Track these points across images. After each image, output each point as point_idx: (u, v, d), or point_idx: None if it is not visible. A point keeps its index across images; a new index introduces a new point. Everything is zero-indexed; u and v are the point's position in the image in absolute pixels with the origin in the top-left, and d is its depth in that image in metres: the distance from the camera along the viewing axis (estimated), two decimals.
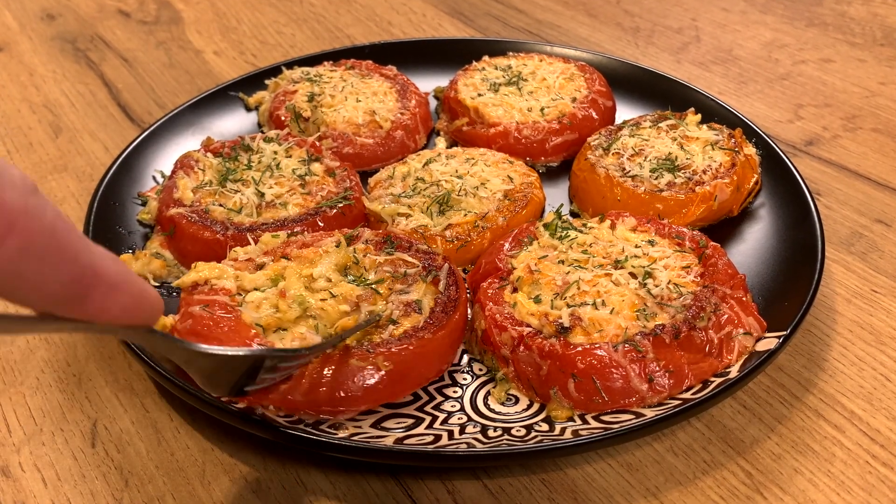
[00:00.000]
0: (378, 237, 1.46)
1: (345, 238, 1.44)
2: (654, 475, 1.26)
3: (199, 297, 1.34)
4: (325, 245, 1.43)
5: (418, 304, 1.33)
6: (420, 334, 1.28)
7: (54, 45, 2.44)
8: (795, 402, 1.36)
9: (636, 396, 1.26)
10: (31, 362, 1.45)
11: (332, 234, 1.47)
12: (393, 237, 1.45)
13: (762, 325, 1.36)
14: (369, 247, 1.44)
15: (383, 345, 1.26)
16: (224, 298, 1.33)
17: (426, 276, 1.38)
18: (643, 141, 1.72)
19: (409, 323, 1.30)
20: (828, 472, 1.26)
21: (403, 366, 1.26)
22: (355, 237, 1.45)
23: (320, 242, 1.44)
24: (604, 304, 1.32)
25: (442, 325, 1.30)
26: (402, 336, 1.28)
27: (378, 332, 1.29)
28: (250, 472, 1.27)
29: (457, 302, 1.35)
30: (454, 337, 1.35)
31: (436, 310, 1.33)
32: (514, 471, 1.27)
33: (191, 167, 1.66)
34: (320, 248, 1.42)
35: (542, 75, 1.97)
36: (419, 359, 1.28)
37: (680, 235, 1.46)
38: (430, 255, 1.42)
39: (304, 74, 2.00)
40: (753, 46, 2.39)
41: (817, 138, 1.99)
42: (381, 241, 1.45)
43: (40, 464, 1.29)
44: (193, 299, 1.34)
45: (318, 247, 1.43)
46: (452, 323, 1.32)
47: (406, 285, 1.37)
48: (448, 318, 1.31)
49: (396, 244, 1.44)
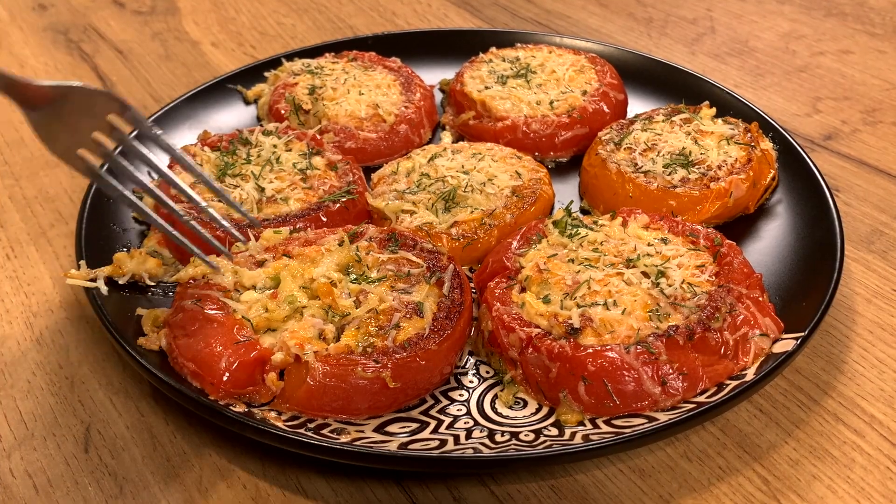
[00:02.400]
0: (382, 234, 1.46)
1: (348, 235, 1.44)
2: (668, 481, 1.25)
3: (192, 291, 1.34)
4: (328, 243, 1.43)
5: (420, 307, 1.33)
6: (425, 345, 1.28)
7: (46, 36, 2.45)
8: (814, 406, 1.36)
9: (649, 400, 1.26)
10: (22, 365, 1.45)
11: (336, 231, 1.47)
12: (398, 235, 1.45)
13: (779, 326, 1.36)
14: (373, 244, 1.44)
15: (387, 353, 1.26)
16: (217, 294, 1.34)
17: (430, 277, 1.38)
18: (656, 135, 1.72)
19: (411, 327, 1.30)
20: (847, 479, 1.26)
21: (408, 377, 1.27)
22: (359, 234, 1.46)
23: (323, 240, 1.44)
24: (615, 304, 1.32)
25: (447, 336, 1.30)
26: (405, 344, 1.28)
27: (380, 336, 1.29)
28: (249, 478, 1.27)
29: (461, 307, 1.35)
30: (459, 344, 1.36)
31: (439, 315, 1.33)
32: (523, 477, 1.26)
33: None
34: (322, 246, 1.43)
35: (551, 67, 1.97)
36: (423, 371, 1.29)
37: (694, 233, 1.46)
38: (434, 255, 1.42)
39: (305, 66, 2.00)
40: (770, 38, 2.39)
41: (836, 132, 1.99)
42: (385, 238, 1.45)
43: (32, 470, 1.29)
44: (187, 293, 1.35)
45: (320, 244, 1.43)
46: (458, 332, 1.33)
47: (409, 285, 1.37)
48: (453, 327, 1.32)
49: (401, 242, 1.44)
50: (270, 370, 1.28)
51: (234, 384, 1.27)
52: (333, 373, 1.24)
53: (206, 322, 1.30)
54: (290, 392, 1.27)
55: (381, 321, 1.31)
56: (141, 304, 1.44)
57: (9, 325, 1.52)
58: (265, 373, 1.28)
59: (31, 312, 1.54)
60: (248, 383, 1.28)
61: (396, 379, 1.25)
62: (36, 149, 1.95)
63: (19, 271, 1.63)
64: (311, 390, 1.25)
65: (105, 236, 1.56)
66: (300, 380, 1.25)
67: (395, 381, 1.25)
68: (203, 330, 1.30)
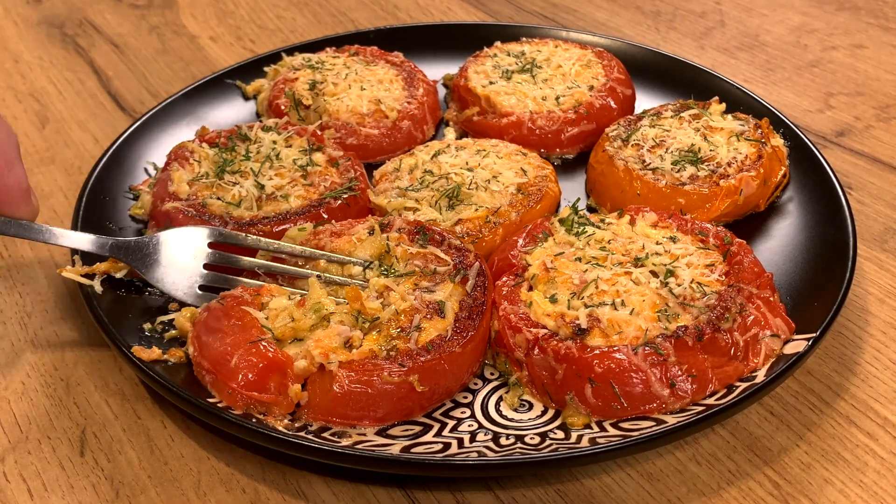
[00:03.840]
0: (411, 226, 1.46)
1: (378, 224, 1.45)
2: (676, 485, 1.25)
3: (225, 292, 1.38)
4: (358, 233, 1.44)
5: (441, 307, 1.33)
6: (449, 347, 1.29)
7: (41, 30, 2.45)
8: (825, 409, 1.36)
9: (657, 402, 1.26)
10: (16, 366, 1.45)
11: (364, 220, 1.48)
12: (426, 228, 1.46)
13: (790, 326, 1.36)
14: (403, 236, 1.44)
15: (412, 356, 1.26)
16: (245, 296, 1.36)
17: (455, 275, 1.38)
18: (664, 132, 1.72)
19: (432, 328, 1.31)
20: (860, 483, 1.25)
21: (434, 380, 1.28)
22: (388, 224, 1.46)
23: (352, 230, 1.45)
24: (623, 304, 1.32)
25: (471, 338, 1.31)
26: (429, 346, 1.28)
27: (402, 338, 1.29)
28: (248, 482, 1.27)
29: (483, 306, 1.35)
30: (483, 346, 1.36)
31: (461, 315, 1.33)
32: (528, 481, 1.26)
33: (185, 158, 1.66)
34: (353, 236, 1.43)
35: (557, 62, 1.96)
36: (448, 373, 1.29)
37: (703, 232, 1.46)
38: (462, 252, 1.42)
39: (306, 61, 2.00)
40: (781, 31, 2.38)
41: (849, 129, 1.99)
42: (413, 230, 1.45)
43: (26, 473, 1.29)
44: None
45: (350, 235, 1.44)
46: (481, 332, 1.34)
47: (433, 283, 1.37)
48: (476, 327, 1.32)
49: (429, 236, 1.44)
50: (293, 380, 1.27)
51: (250, 386, 1.26)
52: (359, 379, 1.24)
53: (227, 321, 1.32)
54: (315, 402, 1.26)
55: (402, 322, 1.31)
56: (137, 305, 1.44)
57: (2, 326, 1.52)
58: (287, 382, 1.27)
59: (26, 312, 1.54)
60: (265, 387, 1.26)
61: (423, 382, 1.25)
62: (30, 145, 1.96)
63: (13, 270, 1.63)
64: (337, 398, 1.24)
65: (101, 235, 1.56)
66: (325, 389, 1.25)
67: (422, 385, 1.25)
68: (223, 330, 1.31)
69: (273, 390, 1.26)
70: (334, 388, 1.24)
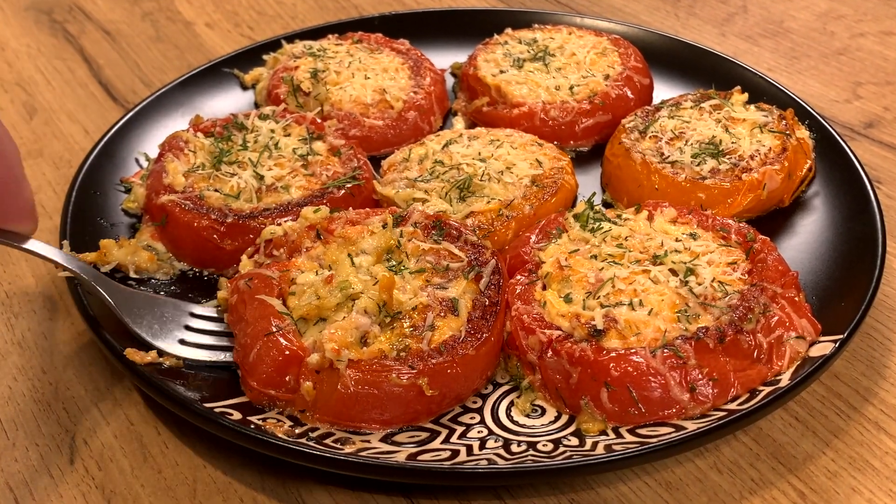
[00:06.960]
0: (428, 220, 1.46)
1: (394, 217, 1.45)
2: (697, 495, 1.25)
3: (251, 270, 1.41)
4: (372, 224, 1.44)
5: (454, 304, 1.33)
6: (462, 349, 1.28)
7: (28, 16, 2.45)
8: (853, 414, 1.35)
9: (676, 407, 1.26)
10: (3, 369, 1.45)
11: (381, 211, 1.49)
12: (443, 223, 1.46)
13: (816, 327, 1.36)
14: (417, 231, 1.44)
15: (423, 358, 1.26)
16: (273, 274, 1.37)
17: (469, 272, 1.38)
18: (684, 123, 1.72)
19: (446, 327, 1.31)
20: (889, 492, 1.25)
21: (445, 384, 1.28)
22: (405, 218, 1.46)
23: (367, 220, 1.46)
24: (641, 304, 1.32)
25: (484, 340, 1.31)
26: (441, 348, 1.28)
27: (415, 338, 1.29)
28: (247, 491, 1.27)
29: (497, 306, 1.35)
30: (497, 349, 1.36)
31: (474, 315, 1.33)
32: (541, 490, 1.26)
33: (180, 149, 1.66)
34: (367, 226, 1.44)
35: (571, 50, 1.96)
36: (460, 377, 1.29)
37: (725, 228, 1.46)
38: (478, 248, 1.43)
39: (307, 49, 2.00)
40: (807, 17, 2.38)
41: (877, 120, 1.99)
42: (430, 224, 1.46)
43: (13, 482, 1.29)
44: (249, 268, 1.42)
45: (364, 225, 1.44)
46: (495, 334, 1.34)
47: (445, 280, 1.37)
48: (489, 329, 1.32)
49: (446, 231, 1.44)
50: (306, 374, 1.27)
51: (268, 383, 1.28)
52: (367, 380, 1.25)
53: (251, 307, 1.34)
54: (323, 401, 1.27)
55: (414, 320, 1.31)
56: None
57: None
58: (301, 377, 1.28)
59: (13, 313, 1.55)
60: (282, 382, 1.28)
61: (433, 386, 1.25)
62: (17, 137, 1.96)
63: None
64: (343, 399, 1.25)
65: (92, 231, 1.56)
66: (332, 388, 1.26)
67: (432, 389, 1.25)
68: (245, 319, 1.33)
69: (290, 384, 1.28)
70: (339, 388, 1.24)
